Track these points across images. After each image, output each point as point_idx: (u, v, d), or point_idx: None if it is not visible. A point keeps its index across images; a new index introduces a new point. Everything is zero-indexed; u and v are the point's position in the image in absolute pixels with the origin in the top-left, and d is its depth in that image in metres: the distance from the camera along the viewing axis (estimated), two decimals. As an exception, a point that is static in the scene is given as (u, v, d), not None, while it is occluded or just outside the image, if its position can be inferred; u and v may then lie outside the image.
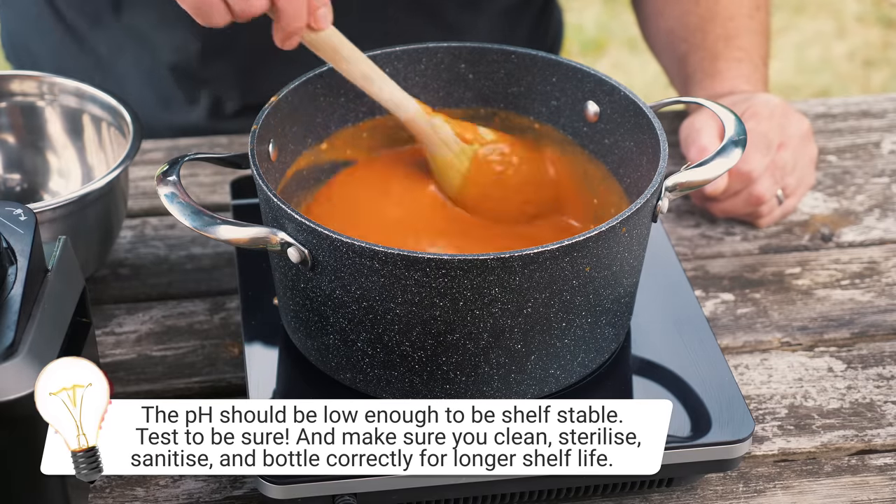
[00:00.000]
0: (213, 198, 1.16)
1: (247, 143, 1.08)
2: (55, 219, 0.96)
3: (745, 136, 0.89)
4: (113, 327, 1.03)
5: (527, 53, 0.98)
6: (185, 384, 0.98)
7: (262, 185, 0.85)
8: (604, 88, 0.95)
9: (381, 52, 0.97)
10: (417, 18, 1.24)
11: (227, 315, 1.04)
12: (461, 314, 0.81)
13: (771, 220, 1.12)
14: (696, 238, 1.13)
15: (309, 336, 0.88)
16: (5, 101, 1.09)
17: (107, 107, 1.07)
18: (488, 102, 1.00)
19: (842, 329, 1.04)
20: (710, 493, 0.91)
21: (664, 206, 0.87)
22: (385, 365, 0.85)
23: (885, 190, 1.19)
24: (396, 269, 0.80)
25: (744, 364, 1.00)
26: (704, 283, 1.08)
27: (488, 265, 0.79)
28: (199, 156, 0.88)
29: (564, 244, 0.80)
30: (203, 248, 1.11)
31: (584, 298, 0.84)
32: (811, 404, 0.97)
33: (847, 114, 1.29)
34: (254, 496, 0.90)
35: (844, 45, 2.82)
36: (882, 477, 0.92)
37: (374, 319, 0.83)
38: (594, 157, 0.98)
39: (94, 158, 1.09)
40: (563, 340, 0.85)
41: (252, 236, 0.82)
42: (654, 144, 0.90)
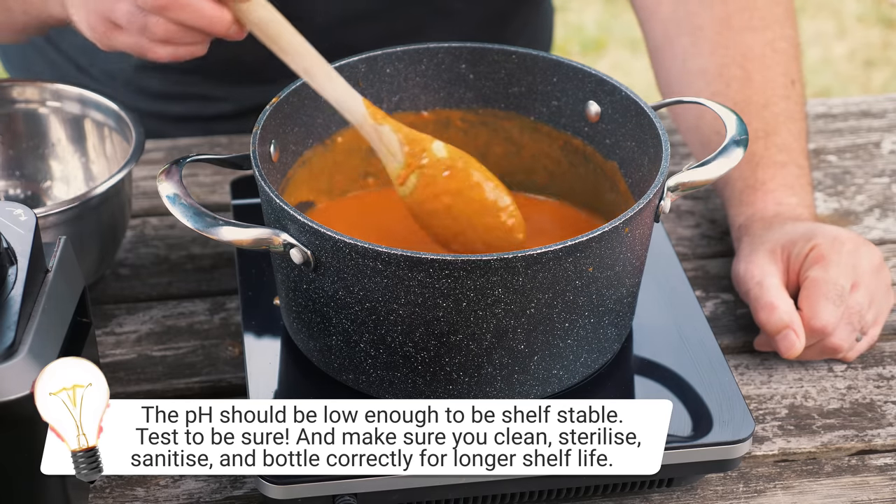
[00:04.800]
0: (213, 198, 1.16)
1: (247, 144, 1.08)
2: (59, 223, 0.96)
3: (747, 136, 0.89)
4: (113, 327, 1.03)
5: (528, 53, 0.98)
6: (185, 384, 0.98)
7: (264, 187, 0.85)
8: (605, 88, 0.95)
9: (382, 52, 0.97)
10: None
11: (227, 315, 1.04)
12: (464, 315, 0.81)
13: (854, 356, 1.00)
14: (696, 238, 1.13)
15: (311, 337, 0.88)
16: (7, 108, 1.09)
17: (109, 112, 1.07)
18: (489, 102, 1.00)
19: (842, 329, 1.04)
20: (710, 493, 0.91)
21: (666, 207, 0.87)
22: (388, 366, 0.85)
23: (885, 190, 1.19)
24: (399, 269, 0.79)
25: (744, 364, 1.00)
26: (704, 283, 1.08)
27: (491, 266, 0.79)
28: (200, 157, 0.88)
29: (567, 244, 0.80)
30: (203, 248, 1.11)
31: (587, 298, 0.84)
32: (811, 404, 0.97)
33: (847, 114, 1.29)
34: (254, 496, 0.90)
35: (844, 45, 2.82)
36: (882, 477, 0.92)
37: (377, 320, 0.83)
38: (594, 157, 0.98)
39: (97, 164, 1.09)
40: (566, 341, 0.85)
41: (255, 238, 0.82)
42: (655, 144, 0.90)
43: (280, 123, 0.93)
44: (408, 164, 0.91)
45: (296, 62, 0.88)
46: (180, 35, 0.89)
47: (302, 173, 0.97)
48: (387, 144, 0.91)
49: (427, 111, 1.01)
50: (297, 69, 0.89)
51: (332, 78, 0.89)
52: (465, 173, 0.92)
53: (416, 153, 0.91)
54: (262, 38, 0.88)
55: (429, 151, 0.92)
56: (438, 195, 0.91)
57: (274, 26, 0.87)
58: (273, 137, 0.92)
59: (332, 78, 0.89)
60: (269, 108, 0.91)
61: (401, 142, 0.91)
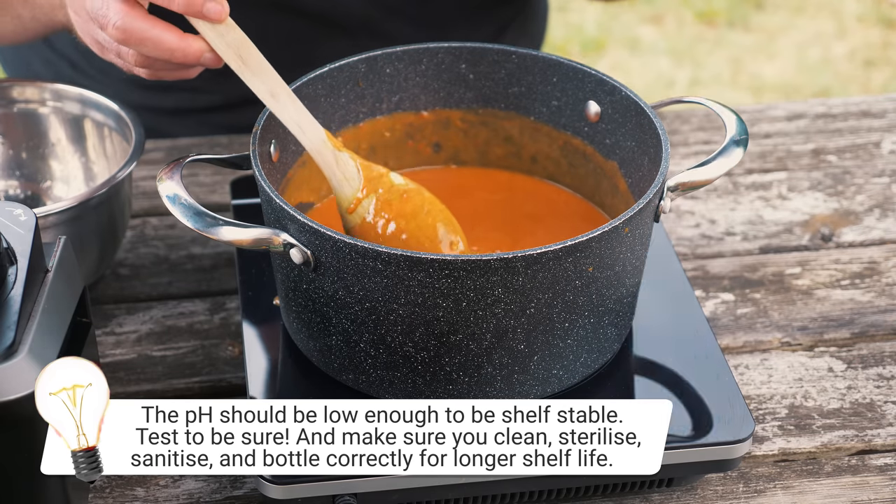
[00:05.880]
0: (212, 198, 1.16)
1: (247, 144, 1.08)
2: (59, 223, 0.96)
3: (747, 136, 0.89)
4: (113, 327, 1.03)
5: (527, 53, 0.98)
6: (185, 384, 0.98)
7: (264, 187, 0.85)
8: (605, 88, 0.95)
9: (382, 52, 0.97)
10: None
11: (227, 315, 1.04)
12: (464, 315, 0.81)
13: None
14: (696, 238, 1.13)
15: (311, 337, 0.88)
16: (7, 108, 1.09)
17: (109, 112, 1.07)
18: (489, 102, 1.00)
19: (842, 329, 1.04)
20: (710, 493, 0.91)
21: (666, 206, 0.87)
22: (388, 366, 0.85)
23: (885, 190, 1.19)
24: (399, 269, 0.79)
25: (744, 364, 1.00)
26: (704, 283, 1.08)
27: (491, 266, 0.79)
28: (200, 157, 0.88)
29: (567, 244, 0.80)
30: (203, 248, 1.11)
31: (587, 298, 0.84)
32: (811, 404, 0.97)
33: (847, 114, 1.29)
34: (254, 496, 0.90)
35: (844, 45, 2.82)
36: (882, 477, 0.92)
37: (377, 320, 0.83)
38: (594, 157, 0.98)
39: (97, 164, 1.09)
40: (565, 341, 0.85)
41: (255, 237, 0.82)
42: (655, 144, 0.90)
43: (280, 124, 0.92)
44: (365, 189, 0.91)
45: (265, 84, 0.88)
46: (152, 63, 0.90)
47: (302, 173, 0.97)
48: (343, 170, 0.91)
49: (427, 111, 1.01)
50: (263, 91, 0.88)
51: (295, 101, 0.89)
52: (421, 198, 0.93)
53: (372, 178, 0.92)
54: (234, 62, 0.88)
55: (385, 177, 0.92)
56: (393, 219, 0.92)
57: (246, 48, 0.88)
58: (273, 137, 0.92)
59: (295, 101, 0.89)
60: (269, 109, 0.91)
61: (358, 168, 0.91)
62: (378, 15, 1.24)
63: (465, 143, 1.02)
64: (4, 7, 1.09)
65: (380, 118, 1.00)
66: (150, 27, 0.87)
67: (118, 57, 0.91)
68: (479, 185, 1.02)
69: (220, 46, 0.87)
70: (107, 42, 0.91)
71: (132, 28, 0.87)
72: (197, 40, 0.87)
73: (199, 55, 0.87)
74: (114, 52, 0.91)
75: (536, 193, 1.01)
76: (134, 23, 0.87)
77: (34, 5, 1.06)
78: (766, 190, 1.19)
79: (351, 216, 0.91)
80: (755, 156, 1.23)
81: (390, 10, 1.24)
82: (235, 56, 0.87)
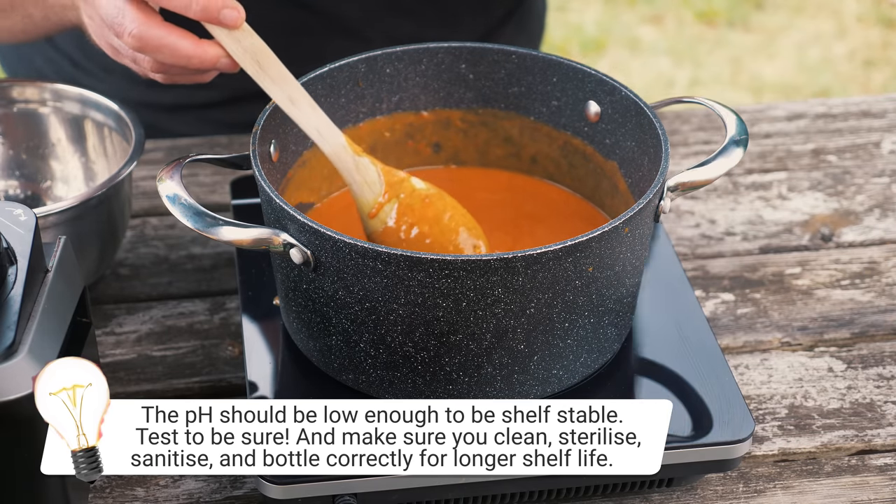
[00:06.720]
0: (212, 198, 1.16)
1: (247, 144, 1.08)
2: (59, 223, 0.96)
3: (747, 136, 0.89)
4: (113, 327, 1.03)
5: (527, 53, 0.98)
6: (185, 384, 0.98)
7: (264, 187, 0.85)
8: (605, 88, 0.95)
9: (382, 52, 0.97)
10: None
11: (227, 315, 1.04)
12: (464, 315, 0.81)
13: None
14: (696, 238, 1.13)
15: (311, 337, 0.88)
16: (7, 108, 1.09)
17: (109, 112, 1.07)
18: (489, 102, 1.00)
19: (842, 329, 1.04)
20: (710, 493, 0.91)
21: (666, 206, 0.87)
22: (387, 366, 0.85)
23: (885, 190, 1.19)
24: (399, 269, 0.79)
25: (744, 364, 1.00)
26: (704, 283, 1.08)
27: (491, 266, 0.79)
28: (200, 157, 0.88)
29: (567, 244, 0.80)
30: (203, 248, 1.11)
31: (586, 298, 0.84)
32: (811, 404, 0.97)
33: (847, 114, 1.29)
34: (254, 496, 0.90)
35: (844, 45, 2.82)
36: (882, 477, 0.92)
37: (377, 320, 0.83)
38: (594, 156, 0.98)
39: (98, 164, 1.09)
40: (565, 341, 0.85)
41: (255, 237, 0.82)
42: (655, 144, 0.90)
43: (280, 123, 0.92)
44: (387, 194, 0.91)
45: (283, 90, 0.89)
46: (168, 69, 0.90)
47: (302, 173, 0.97)
48: (364, 175, 0.91)
49: (427, 111, 1.01)
50: (281, 97, 0.89)
51: (314, 106, 0.90)
52: (443, 202, 0.93)
53: (394, 183, 0.92)
54: (251, 67, 0.88)
55: (406, 182, 0.93)
56: (416, 223, 0.92)
57: (263, 53, 0.88)
58: (273, 137, 0.92)
59: (314, 106, 0.90)
60: (269, 108, 0.91)
61: (379, 173, 0.92)
62: (381, 10, 1.24)
63: (465, 143, 1.02)
64: (15, 6, 1.09)
65: (380, 118, 1.00)
66: (166, 34, 0.87)
67: (133, 62, 0.92)
68: (479, 185, 1.03)
69: (237, 52, 0.87)
70: (122, 48, 0.91)
71: (148, 36, 0.87)
72: (213, 46, 0.87)
73: (215, 61, 0.88)
74: (129, 57, 0.92)
75: (536, 193, 1.01)
76: (150, 31, 0.87)
77: (46, 5, 1.06)
78: (766, 190, 1.19)
79: (372, 221, 0.91)
80: (755, 156, 1.23)
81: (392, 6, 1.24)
82: (252, 61, 0.88)
